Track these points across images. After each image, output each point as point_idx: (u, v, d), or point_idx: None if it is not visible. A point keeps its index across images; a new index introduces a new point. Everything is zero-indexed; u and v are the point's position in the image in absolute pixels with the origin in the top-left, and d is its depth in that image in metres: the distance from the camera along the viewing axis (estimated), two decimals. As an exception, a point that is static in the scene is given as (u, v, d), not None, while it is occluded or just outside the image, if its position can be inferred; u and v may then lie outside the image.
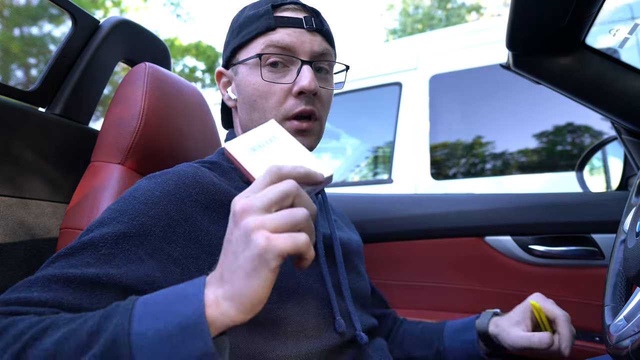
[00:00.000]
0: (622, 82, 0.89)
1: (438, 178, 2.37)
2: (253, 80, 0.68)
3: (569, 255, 1.11)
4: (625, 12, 1.80)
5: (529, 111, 2.31)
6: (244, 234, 0.39)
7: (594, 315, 0.88)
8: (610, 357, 0.56)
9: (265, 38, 0.67)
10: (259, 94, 0.67)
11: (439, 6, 11.84)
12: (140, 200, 0.56)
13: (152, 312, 0.39)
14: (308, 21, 0.67)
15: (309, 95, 0.66)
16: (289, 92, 0.67)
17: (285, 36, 0.66)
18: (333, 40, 0.73)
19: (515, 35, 0.88)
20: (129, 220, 0.54)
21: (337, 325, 0.62)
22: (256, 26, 0.68)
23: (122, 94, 0.85)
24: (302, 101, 0.66)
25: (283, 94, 0.67)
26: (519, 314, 0.76)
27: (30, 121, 0.83)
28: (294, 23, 0.67)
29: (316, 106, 0.68)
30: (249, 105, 0.69)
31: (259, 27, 0.67)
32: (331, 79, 0.73)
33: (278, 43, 0.66)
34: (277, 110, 0.66)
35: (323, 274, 0.65)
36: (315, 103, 0.68)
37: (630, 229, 0.63)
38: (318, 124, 0.70)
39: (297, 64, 0.67)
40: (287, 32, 0.66)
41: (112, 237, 0.52)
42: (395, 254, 1.25)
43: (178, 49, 11.58)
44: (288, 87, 0.66)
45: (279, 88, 0.66)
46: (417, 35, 2.76)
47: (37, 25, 3.55)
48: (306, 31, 0.67)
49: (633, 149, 1.02)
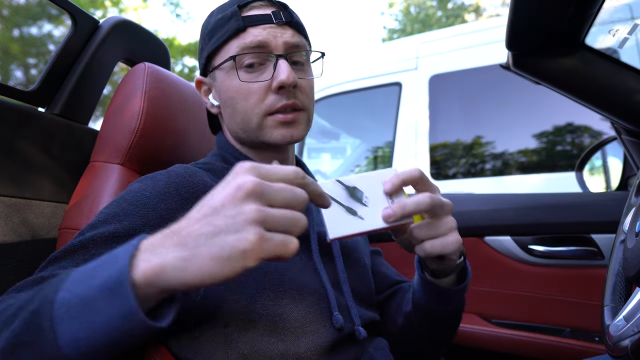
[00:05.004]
0: (622, 82, 0.89)
1: (438, 178, 2.37)
2: (231, 83, 0.68)
3: (569, 255, 1.11)
4: (625, 12, 1.80)
5: (529, 111, 2.31)
6: (241, 219, 0.35)
7: (593, 315, 0.88)
8: (610, 357, 0.56)
9: (237, 40, 0.66)
10: (239, 96, 0.67)
11: (439, 6, 11.84)
12: (131, 201, 0.57)
13: (79, 278, 0.38)
14: (277, 16, 0.67)
15: (289, 89, 0.66)
16: (268, 88, 0.66)
17: (256, 35, 0.65)
18: (305, 31, 0.73)
19: (515, 35, 0.88)
20: (119, 221, 0.55)
21: (335, 320, 0.62)
22: (226, 29, 0.67)
23: (121, 94, 0.85)
24: (282, 96, 0.66)
25: (263, 92, 0.66)
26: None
27: (30, 121, 0.83)
28: (263, 20, 0.66)
29: (298, 98, 0.68)
30: (231, 108, 0.69)
31: (229, 30, 0.67)
32: (309, 68, 0.73)
33: (251, 43, 0.65)
34: (259, 107, 0.66)
35: (319, 270, 0.65)
36: (297, 95, 0.67)
37: (630, 229, 0.63)
38: (304, 114, 0.69)
39: (273, 60, 0.66)
40: (257, 30, 0.66)
41: (101, 238, 0.53)
42: (395, 254, 1.25)
43: (177, 49, 11.58)
44: (267, 84, 0.66)
45: (257, 87, 0.66)
46: (417, 35, 2.76)
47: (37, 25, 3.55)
48: (276, 26, 0.67)
49: (633, 149, 1.02)
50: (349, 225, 0.53)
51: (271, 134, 0.67)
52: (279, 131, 0.67)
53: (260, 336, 0.56)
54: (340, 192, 0.55)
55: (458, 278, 0.67)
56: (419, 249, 0.57)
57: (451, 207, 0.58)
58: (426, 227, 0.56)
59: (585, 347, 1.02)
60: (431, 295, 0.67)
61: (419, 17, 11.94)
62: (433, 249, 0.56)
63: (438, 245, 0.56)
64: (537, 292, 1.14)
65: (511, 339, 1.12)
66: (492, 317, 1.17)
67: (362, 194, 0.55)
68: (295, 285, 0.61)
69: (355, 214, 0.54)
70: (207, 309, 0.56)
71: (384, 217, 0.53)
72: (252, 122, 0.67)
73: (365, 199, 0.56)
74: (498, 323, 1.16)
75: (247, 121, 0.68)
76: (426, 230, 0.56)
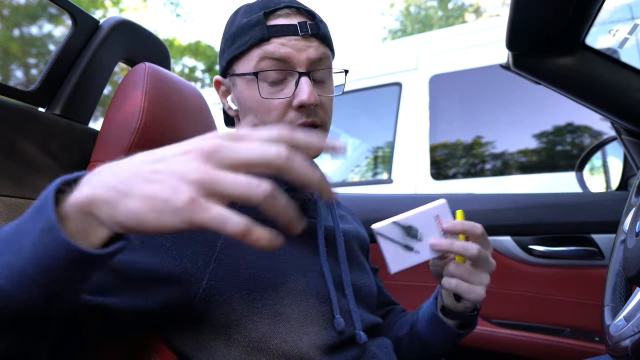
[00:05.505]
0: (622, 82, 0.89)
1: (438, 178, 2.37)
2: (251, 95, 0.67)
3: (569, 255, 1.12)
4: (625, 12, 1.80)
5: (529, 111, 2.31)
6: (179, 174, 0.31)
7: (593, 315, 0.88)
8: (610, 357, 0.56)
9: (260, 50, 0.65)
10: (259, 109, 0.66)
11: (440, 6, 11.84)
12: None
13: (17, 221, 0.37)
14: (303, 27, 0.65)
15: (309, 108, 0.65)
16: (289, 105, 0.65)
17: (280, 47, 0.64)
18: (331, 42, 0.72)
19: (515, 35, 0.88)
20: None
21: (336, 323, 0.62)
22: (250, 37, 0.66)
23: (121, 94, 0.85)
24: (302, 114, 0.65)
25: (283, 108, 0.65)
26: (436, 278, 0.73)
27: (30, 121, 0.83)
28: (288, 31, 0.65)
29: (318, 116, 0.67)
30: (251, 117, 0.69)
31: (253, 39, 0.65)
32: (330, 83, 0.72)
33: (273, 55, 0.64)
34: (279, 122, 0.66)
35: (323, 271, 0.65)
36: (317, 113, 0.67)
37: (630, 229, 0.63)
38: (322, 130, 0.69)
39: (295, 76, 0.65)
40: (281, 42, 0.64)
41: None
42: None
43: (177, 49, 11.58)
44: (288, 100, 0.65)
45: (278, 103, 0.65)
46: (417, 35, 2.76)
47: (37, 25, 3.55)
48: (301, 38, 0.65)
49: (633, 149, 1.02)
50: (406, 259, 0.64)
51: None
52: None
53: (262, 334, 0.56)
54: (397, 232, 0.64)
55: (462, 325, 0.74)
56: (446, 281, 0.65)
57: (493, 267, 0.65)
58: (464, 269, 0.64)
59: (585, 347, 1.02)
60: (435, 329, 0.74)
61: (419, 17, 11.94)
62: (458, 288, 0.64)
63: (465, 287, 0.64)
64: (537, 292, 1.14)
65: (511, 339, 1.12)
66: (492, 317, 1.17)
67: (418, 231, 0.65)
68: (298, 285, 0.61)
69: (412, 250, 0.64)
70: (209, 306, 0.56)
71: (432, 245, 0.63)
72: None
73: (420, 234, 0.65)
74: (498, 323, 1.16)
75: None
76: (462, 271, 0.64)
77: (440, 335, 0.74)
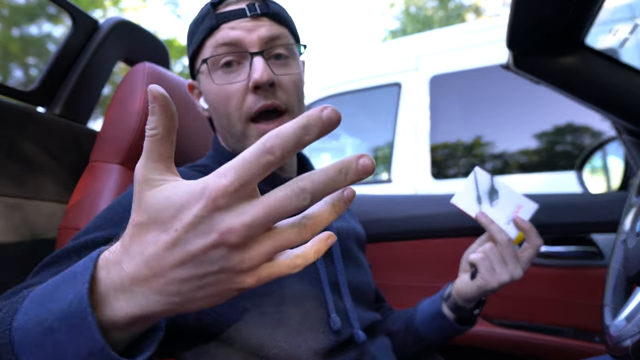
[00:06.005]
0: (622, 82, 0.89)
1: (438, 178, 2.37)
2: (210, 87, 0.65)
3: (569, 255, 1.11)
4: (625, 12, 1.80)
5: (529, 111, 2.31)
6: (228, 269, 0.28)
7: (593, 315, 0.88)
8: (610, 358, 0.56)
9: (212, 39, 0.63)
10: (219, 100, 0.64)
11: (440, 7, 11.85)
12: (125, 206, 0.57)
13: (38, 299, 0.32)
14: (251, 8, 0.63)
15: (265, 88, 0.61)
16: (246, 90, 0.62)
17: (229, 32, 0.62)
18: (287, 20, 0.67)
19: (515, 35, 0.88)
20: (113, 226, 0.55)
21: (332, 324, 0.61)
22: (201, 30, 0.65)
23: (121, 94, 0.85)
24: (260, 96, 0.62)
25: (241, 94, 0.62)
26: (462, 263, 0.77)
27: (30, 121, 0.83)
28: (236, 14, 0.63)
29: (279, 97, 0.63)
30: (215, 112, 0.67)
31: (203, 30, 0.64)
32: (294, 63, 0.67)
33: (224, 41, 0.62)
34: (240, 112, 0.63)
35: (319, 273, 0.64)
36: (276, 94, 0.63)
37: (630, 229, 0.63)
38: (288, 117, 0.64)
39: (248, 58, 0.62)
40: (230, 25, 0.62)
41: (94, 243, 0.52)
42: (395, 255, 1.25)
43: (177, 49, 11.58)
44: (244, 84, 0.62)
45: (235, 88, 0.62)
46: (417, 35, 2.76)
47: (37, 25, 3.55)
48: (251, 19, 0.62)
49: (633, 149, 1.02)
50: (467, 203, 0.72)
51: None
52: None
53: (260, 342, 0.56)
54: (485, 183, 0.72)
55: (461, 321, 0.76)
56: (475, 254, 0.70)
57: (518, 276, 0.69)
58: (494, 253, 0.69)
59: (585, 347, 1.02)
60: (434, 322, 0.76)
61: (419, 17, 11.94)
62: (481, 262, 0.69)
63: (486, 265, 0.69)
64: (537, 292, 1.14)
65: (511, 339, 1.12)
66: (492, 317, 1.17)
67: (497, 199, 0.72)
68: (294, 291, 0.60)
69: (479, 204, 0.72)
70: (208, 310, 0.55)
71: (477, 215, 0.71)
72: (236, 128, 0.65)
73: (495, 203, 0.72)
74: (498, 323, 1.16)
75: (231, 126, 0.65)
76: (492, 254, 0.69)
77: (439, 329, 0.75)
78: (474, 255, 0.70)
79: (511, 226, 0.71)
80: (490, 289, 0.69)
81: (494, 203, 0.71)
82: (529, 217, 0.71)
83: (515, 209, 0.71)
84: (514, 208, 0.71)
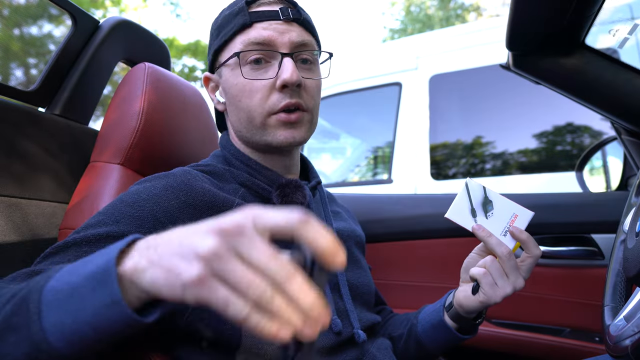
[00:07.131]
0: (622, 82, 0.89)
1: (438, 178, 2.37)
2: (236, 80, 0.67)
3: (569, 255, 1.11)
4: (625, 12, 1.80)
5: (529, 111, 2.31)
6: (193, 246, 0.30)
7: (594, 315, 0.88)
8: (610, 357, 0.56)
9: (243, 36, 0.66)
10: (242, 93, 0.66)
11: (440, 7, 11.84)
12: (128, 203, 0.57)
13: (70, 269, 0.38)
14: (284, 12, 0.66)
15: (292, 88, 0.65)
16: (272, 87, 0.65)
17: (262, 31, 0.65)
18: (313, 29, 0.71)
19: (515, 35, 0.88)
20: (114, 222, 0.55)
21: (333, 325, 0.62)
22: (233, 25, 0.67)
23: (121, 94, 0.85)
24: (286, 94, 0.65)
25: (267, 90, 0.65)
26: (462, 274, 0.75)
27: (30, 121, 0.83)
28: (270, 16, 0.65)
29: (302, 98, 0.66)
30: (235, 105, 0.68)
31: (235, 26, 0.66)
32: (317, 69, 0.72)
33: (256, 39, 0.64)
34: (262, 107, 0.66)
35: None
36: (301, 95, 0.66)
37: (630, 229, 0.63)
38: (308, 115, 0.68)
39: (279, 58, 0.65)
40: (263, 26, 0.65)
41: (95, 237, 0.53)
42: (395, 255, 1.25)
43: (177, 49, 11.58)
44: (271, 82, 0.65)
45: (261, 84, 0.65)
46: (417, 35, 2.76)
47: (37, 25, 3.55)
48: (283, 22, 0.66)
49: (633, 149, 1.02)
50: (462, 218, 0.70)
51: (274, 135, 0.66)
52: (282, 132, 0.66)
53: (259, 342, 0.56)
54: (478, 195, 0.70)
55: (463, 331, 0.76)
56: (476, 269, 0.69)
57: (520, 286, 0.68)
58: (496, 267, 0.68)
59: (585, 347, 1.02)
60: (436, 331, 0.76)
61: (420, 17, 11.94)
62: (483, 278, 0.68)
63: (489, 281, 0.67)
64: (537, 292, 1.14)
65: (511, 339, 1.12)
66: (492, 317, 1.17)
67: (491, 210, 0.70)
68: None
69: (474, 217, 0.70)
70: (205, 309, 0.55)
71: (473, 228, 0.69)
72: (255, 121, 0.67)
73: (490, 214, 0.70)
74: (498, 323, 1.16)
75: (251, 119, 0.67)
76: (494, 268, 0.68)
77: (441, 338, 0.75)
78: (475, 270, 0.69)
79: (508, 237, 0.69)
80: (493, 303, 0.68)
81: (489, 215, 0.70)
82: (525, 226, 0.70)
83: (511, 218, 0.70)
84: (509, 218, 0.70)
